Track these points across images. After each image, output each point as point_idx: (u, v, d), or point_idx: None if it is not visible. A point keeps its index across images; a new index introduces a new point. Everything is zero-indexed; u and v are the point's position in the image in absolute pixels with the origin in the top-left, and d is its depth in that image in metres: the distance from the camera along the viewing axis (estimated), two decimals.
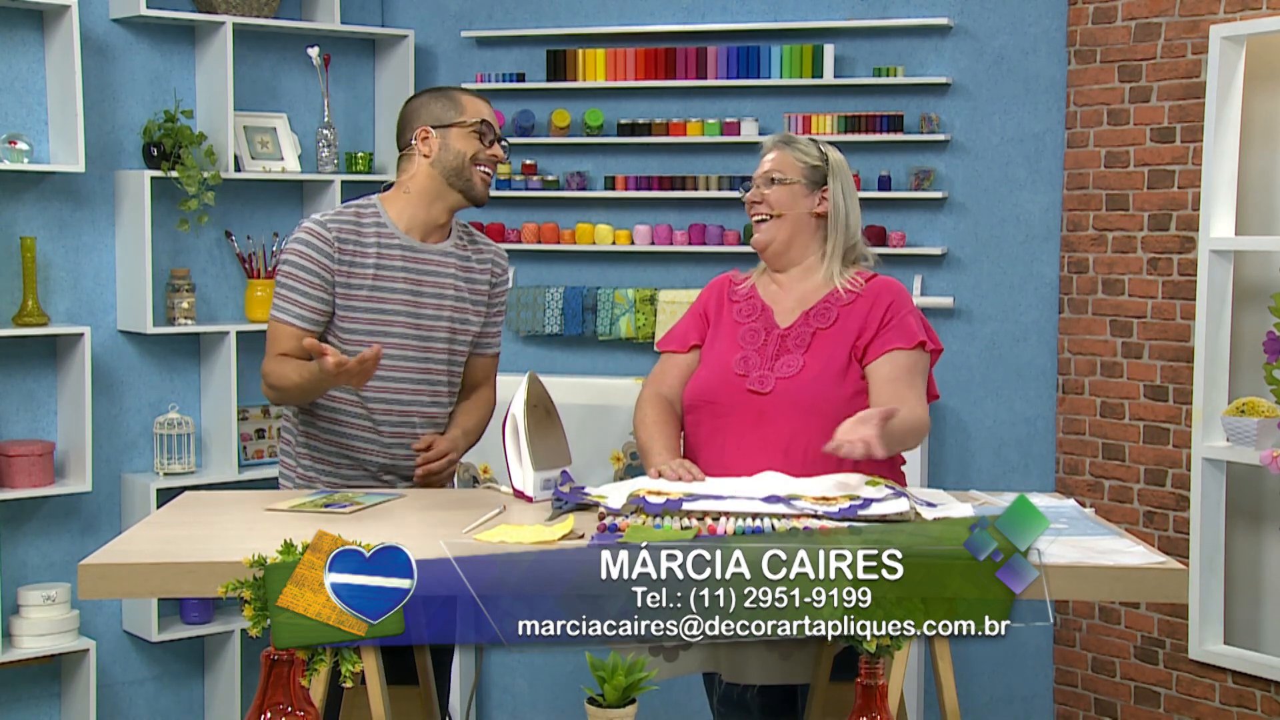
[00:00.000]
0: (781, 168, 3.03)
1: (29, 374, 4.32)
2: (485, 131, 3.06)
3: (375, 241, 3.04)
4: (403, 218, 3.08)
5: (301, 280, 2.99)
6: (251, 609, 1.92)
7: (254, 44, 4.67)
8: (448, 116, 3.06)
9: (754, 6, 4.72)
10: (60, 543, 4.37)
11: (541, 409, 2.85)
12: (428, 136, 3.06)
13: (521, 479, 2.82)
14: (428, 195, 3.08)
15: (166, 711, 4.62)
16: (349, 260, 3.01)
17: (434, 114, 3.08)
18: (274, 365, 3.00)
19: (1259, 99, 4.02)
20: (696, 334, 3.10)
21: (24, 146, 4.16)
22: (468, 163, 3.05)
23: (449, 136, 3.05)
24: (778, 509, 2.58)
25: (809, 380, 2.90)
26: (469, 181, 3.06)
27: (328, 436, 3.09)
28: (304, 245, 3.00)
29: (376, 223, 3.06)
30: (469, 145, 3.05)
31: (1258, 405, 3.86)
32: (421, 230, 3.09)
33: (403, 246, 3.06)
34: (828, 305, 2.99)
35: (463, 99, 3.09)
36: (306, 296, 2.99)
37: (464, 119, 3.06)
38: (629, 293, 4.74)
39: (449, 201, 3.09)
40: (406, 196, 3.09)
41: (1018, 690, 4.56)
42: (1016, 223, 4.51)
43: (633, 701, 2.15)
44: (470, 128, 3.05)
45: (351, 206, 3.10)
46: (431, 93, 3.14)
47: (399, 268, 3.05)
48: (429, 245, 3.10)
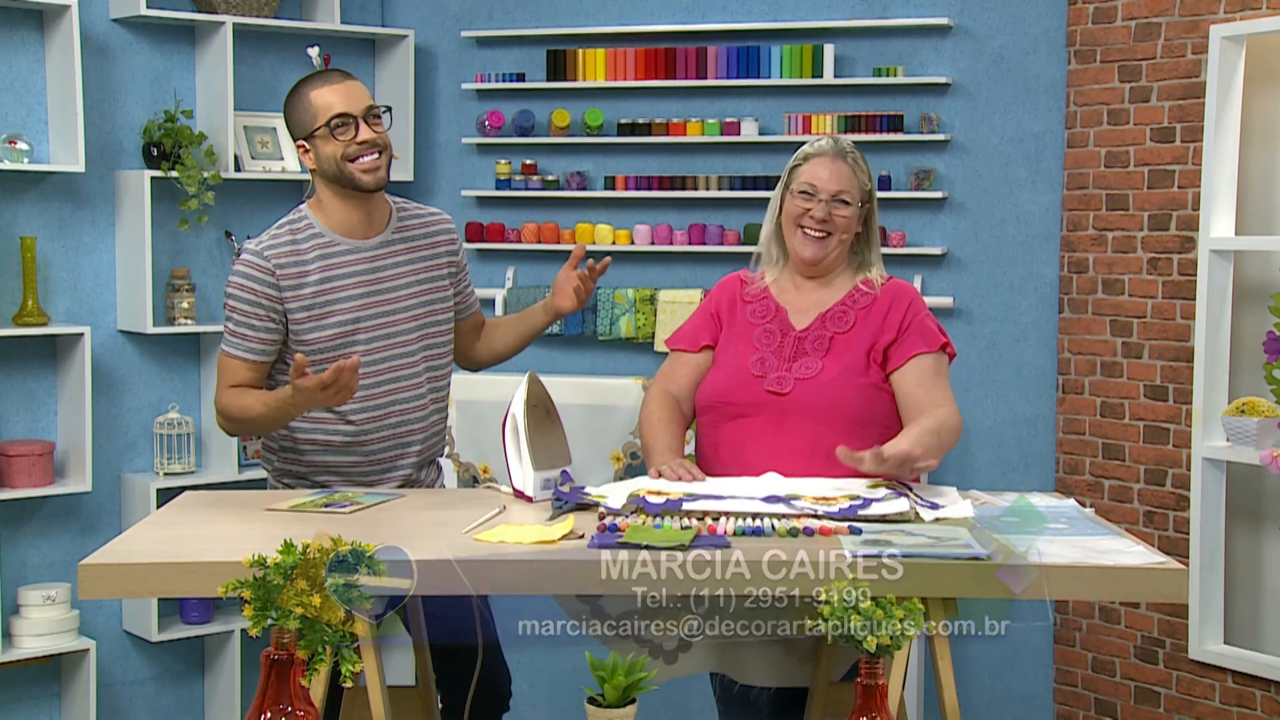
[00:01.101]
0: (850, 188, 2.98)
1: (29, 374, 4.32)
2: (341, 124, 2.95)
3: (317, 255, 2.99)
4: (331, 222, 3.03)
5: (247, 314, 2.95)
6: (251, 609, 1.92)
7: (254, 44, 4.67)
8: (305, 125, 2.98)
9: (754, 6, 4.71)
10: (60, 543, 4.37)
11: (541, 409, 2.85)
12: (306, 150, 3.00)
13: (521, 479, 2.81)
14: (334, 199, 3.02)
15: (166, 711, 4.62)
16: (293, 284, 2.96)
17: (298, 125, 3.00)
18: (231, 398, 2.96)
19: (1259, 99, 4.02)
20: (708, 334, 3.09)
21: (24, 146, 4.16)
22: (340, 163, 2.96)
23: (316, 146, 2.98)
24: (778, 509, 2.58)
25: (828, 381, 2.90)
26: (351, 179, 2.97)
27: (310, 459, 3.04)
28: (243, 277, 2.96)
29: (313, 234, 3.01)
30: (333, 148, 2.96)
31: (1258, 405, 3.86)
32: (351, 228, 3.03)
33: (343, 250, 3.01)
34: (844, 308, 2.99)
35: (311, 97, 2.97)
36: (253, 329, 2.96)
37: (318, 123, 2.96)
38: (629, 293, 4.74)
39: (356, 200, 3.02)
40: (322, 205, 3.04)
41: (1018, 690, 4.56)
42: (1016, 223, 4.51)
43: (633, 701, 2.15)
44: (326, 131, 2.96)
45: (285, 225, 3.03)
46: (291, 96, 3.03)
47: (346, 272, 3.00)
48: (370, 241, 3.04)
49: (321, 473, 3.05)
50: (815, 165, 3.00)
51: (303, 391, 2.77)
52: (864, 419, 2.90)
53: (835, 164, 2.98)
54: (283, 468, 3.08)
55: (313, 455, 3.03)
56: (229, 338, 2.98)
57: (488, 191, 4.93)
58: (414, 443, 3.07)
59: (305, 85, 3.01)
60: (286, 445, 3.06)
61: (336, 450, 3.02)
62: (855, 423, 2.89)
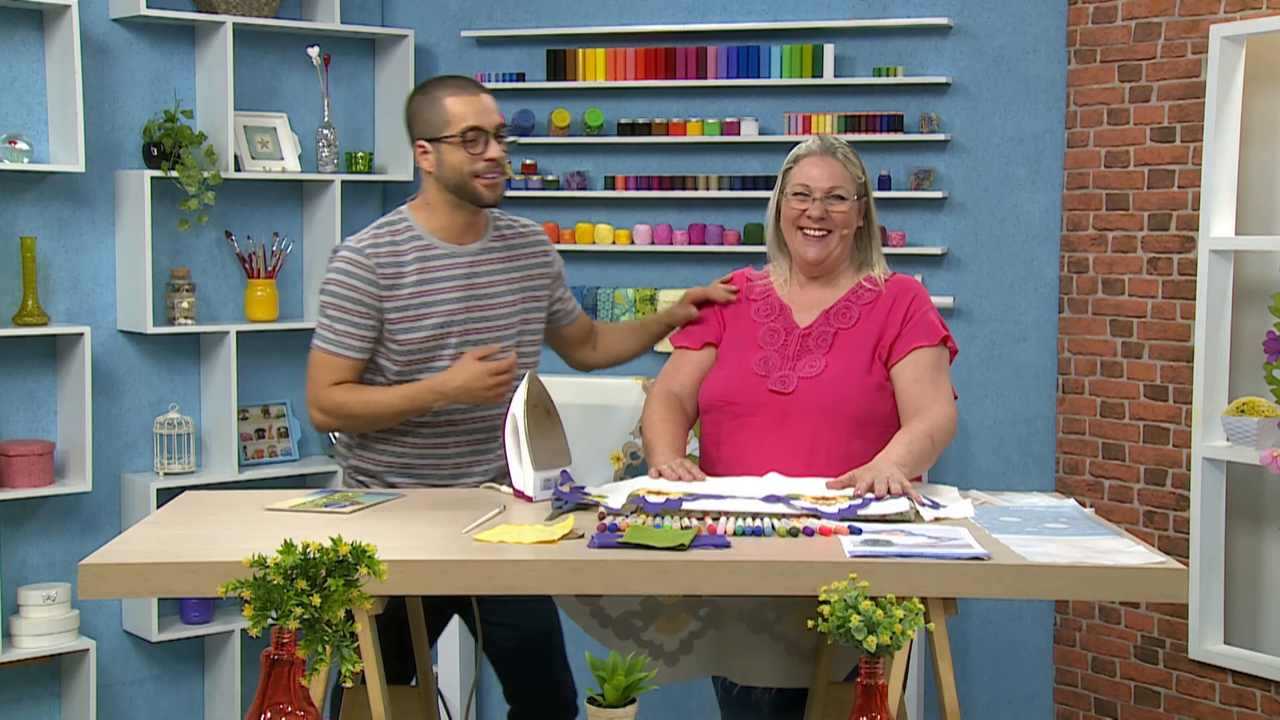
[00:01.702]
0: (843, 183, 2.98)
1: (29, 374, 4.32)
2: (474, 139, 2.95)
3: (415, 256, 2.99)
4: (433, 225, 3.03)
5: (348, 310, 2.94)
6: (251, 609, 1.91)
7: (254, 44, 4.67)
8: (435, 128, 2.97)
9: (754, 6, 4.71)
10: (60, 543, 4.37)
11: (541, 409, 2.85)
12: (425, 151, 3.00)
13: (521, 479, 2.82)
14: (445, 205, 3.02)
15: (166, 711, 4.62)
16: (391, 284, 2.95)
17: (425, 125, 2.99)
18: (344, 394, 2.94)
19: (1259, 99, 4.02)
20: (712, 332, 3.09)
21: (24, 146, 4.16)
22: (466, 176, 2.97)
23: (441, 151, 2.97)
24: (777, 509, 2.59)
25: (831, 380, 2.90)
26: (472, 193, 2.99)
27: (386, 459, 3.05)
28: (342, 274, 2.95)
29: (412, 235, 3.01)
30: (461, 159, 2.96)
31: (1258, 405, 3.86)
32: (454, 234, 3.04)
33: (442, 254, 3.01)
34: (848, 304, 2.99)
35: (446, 104, 2.97)
36: (355, 326, 2.95)
37: (449, 132, 2.96)
38: (629, 292, 4.74)
39: (466, 209, 3.03)
40: (429, 207, 3.04)
41: (1018, 690, 4.56)
42: (1016, 223, 4.51)
43: (633, 701, 2.15)
44: (456, 140, 2.96)
45: (384, 226, 3.03)
46: (421, 95, 3.02)
47: (444, 275, 3.00)
48: (468, 246, 3.05)
49: (396, 473, 3.05)
50: (806, 165, 3.00)
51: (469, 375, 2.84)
52: (867, 418, 2.90)
53: (825, 161, 2.99)
54: (357, 465, 3.09)
55: (389, 456, 3.04)
56: (328, 335, 2.95)
57: None
58: (494, 448, 3.07)
59: (440, 89, 2.99)
60: (365, 442, 3.06)
61: (415, 452, 3.04)
62: (858, 422, 2.89)
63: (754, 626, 2.87)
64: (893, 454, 2.77)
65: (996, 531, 2.55)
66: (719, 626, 2.89)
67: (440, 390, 2.90)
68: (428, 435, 3.02)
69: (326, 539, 1.98)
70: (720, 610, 2.88)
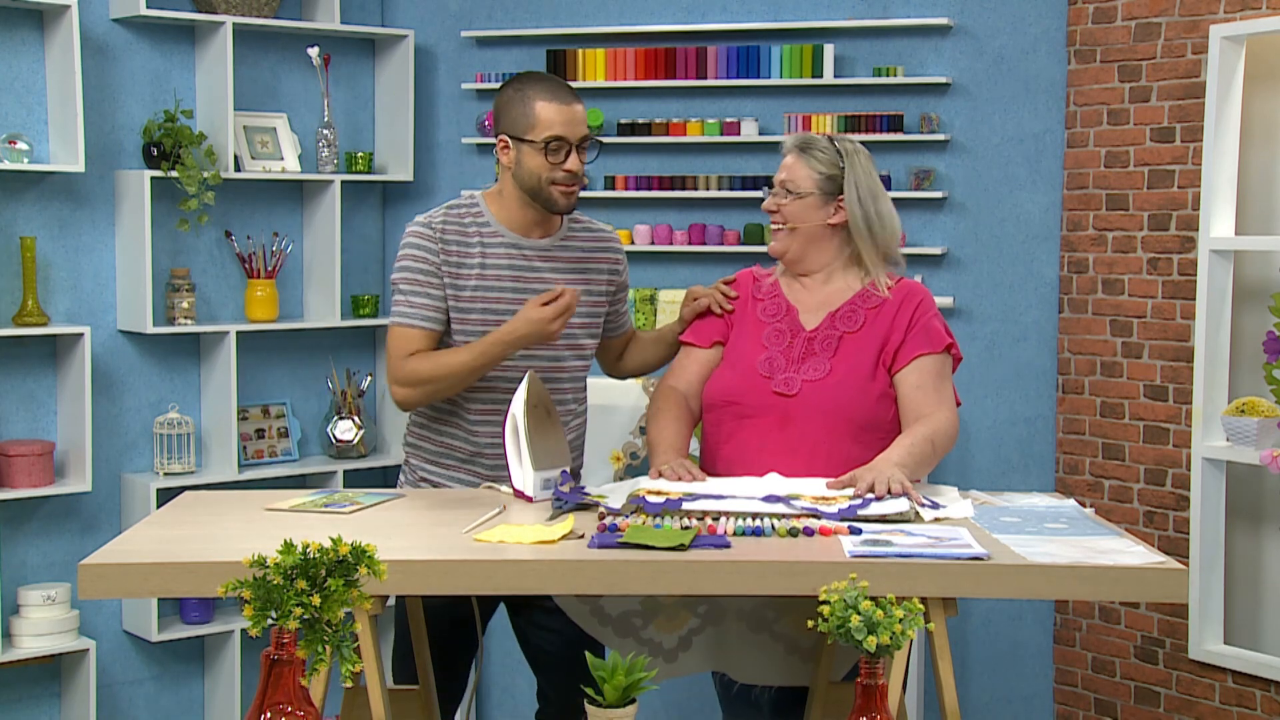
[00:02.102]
0: (795, 178, 2.99)
1: (29, 374, 4.32)
2: (557, 148, 2.95)
3: (479, 240, 3.00)
4: (502, 215, 3.04)
5: (418, 282, 2.96)
6: (251, 609, 1.91)
7: (254, 44, 4.67)
8: (521, 128, 2.97)
9: (754, 6, 4.71)
10: (60, 543, 4.37)
11: (542, 409, 2.85)
12: (506, 147, 3.00)
13: (521, 479, 2.82)
14: (518, 200, 3.03)
15: (166, 711, 4.62)
16: (455, 258, 2.98)
17: (511, 122, 2.98)
18: (419, 361, 2.94)
19: (1259, 99, 4.02)
20: (720, 330, 3.08)
21: (24, 146, 4.16)
22: (543, 182, 2.97)
23: (523, 152, 2.97)
24: (777, 509, 2.59)
25: (835, 384, 2.90)
26: (547, 199, 3.00)
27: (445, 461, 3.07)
28: (413, 247, 2.98)
29: (478, 221, 3.02)
30: (540, 165, 2.96)
31: (1258, 405, 3.86)
32: (523, 227, 3.05)
33: (506, 244, 3.02)
34: (854, 308, 2.98)
35: (537, 108, 2.95)
36: (428, 296, 2.97)
37: (533, 136, 2.95)
38: (629, 292, 4.74)
39: (537, 208, 3.03)
40: (501, 198, 3.05)
41: (1018, 690, 4.56)
42: (1016, 223, 4.51)
43: (633, 701, 2.15)
44: (539, 146, 2.96)
45: (455, 205, 3.06)
46: (515, 91, 3.00)
47: (504, 265, 3.01)
48: (534, 240, 3.06)
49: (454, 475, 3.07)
50: (783, 161, 3.05)
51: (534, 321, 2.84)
52: (869, 424, 2.90)
53: (789, 157, 3.03)
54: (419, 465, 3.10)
55: (445, 458, 3.06)
56: (403, 309, 2.97)
57: None
58: None
59: (534, 89, 2.98)
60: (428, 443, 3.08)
61: (464, 457, 3.05)
62: (860, 427, 2.89)
63: (753, 625, 2.87)
64: (893, 455, 2.77)
65: (996, 531, 2.55)
66: (718, 623, 2.89)
67: (506, 340, 2.90)
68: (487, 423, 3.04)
69: (326, 539, 1.98)
70: (720, 608, 2.88)
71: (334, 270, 4.69)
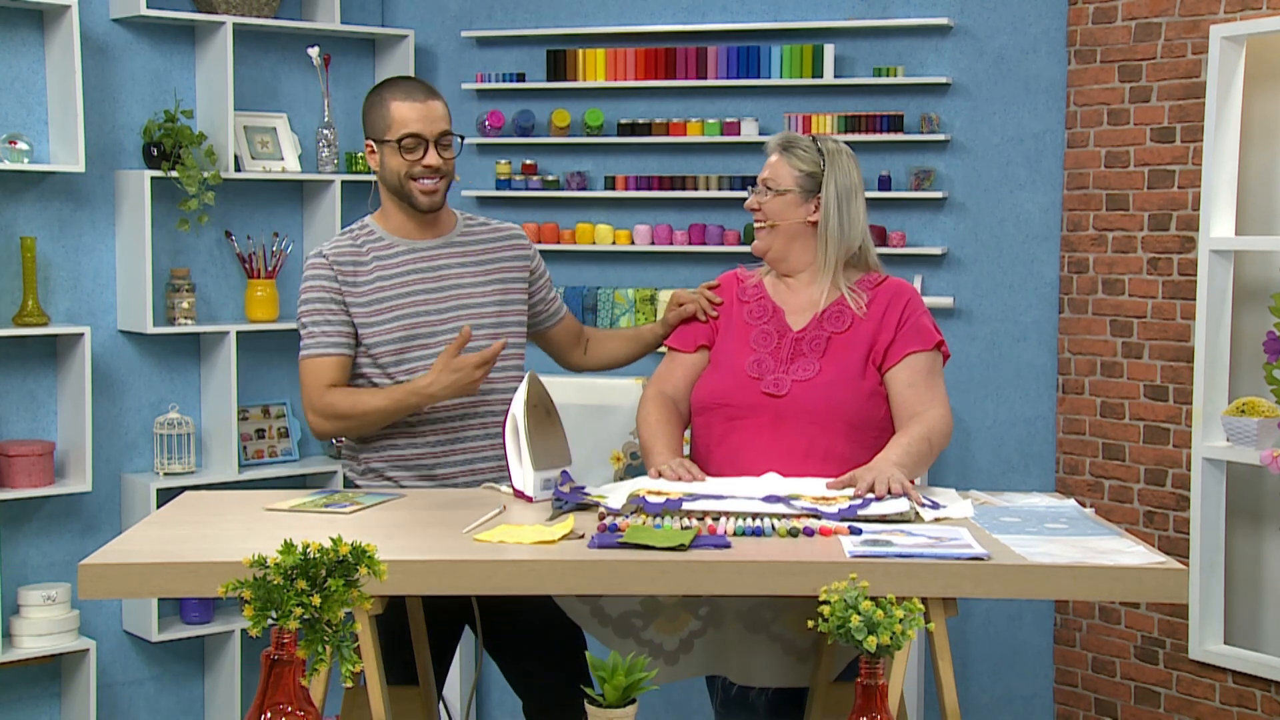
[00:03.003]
0: (776, 176, 3.01)
1: (29, 374, 4.32)
2: (413, 145, 2.97)
3: (374, 255, 3.02)
4: (390, 225, 3.07)
5: (319, 312, 2.98)
6: (251, 609, 1.91)
7: (254, 44, 4.67)
8: (379, 130, 3.01)
9: (754, 6, 4.71)
10: (60, 543, 4.37)
11: (541, 409, 2.85)
12: (372, 151, 3.04)
13: (521, 479, 2.82)
14: (395, 206, 3.07)
15: (167, 711, 4.62)
16: (349, 278, 2.99)
17: (372, 126, 3.03)
18: (336, 397, 2.95)
19: (1259, 99, 4.02)
20: (705, 334, 3.09)
21: (24, 146, 4.16)
22: (403, 179, 2.99)
23: (384, 153, 3.01)
24: (777, 509, 2.58)
25: (825, 384, 2.90)
26: (409, 197, 3.01)
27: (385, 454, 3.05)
28: (309, 280, 3.02)
29: (370, 238, 3.05)
30: (399, 164, 2.99)
31: (1258, 405, 3.86)
32: (412, 232, 3.07)
33: (400, 250, 3.04)
34: (841, 308, 2.98)
35: (392, 107, 2.99)
36: (329, 323, 2.98)
37: (390, 136, 2.98)
38: (629, 292, 4.74)
39: (409, 210, 3.05)
40: (383, 209, 3.09)
41: (1018, 690, 4.56)
42: (1016, 223, 4.51)
43: (633, 701, 2.15)
44: (395, 145, 2.98)
45: (347, 232, 3.10)
46: (373, 95, 3.05)
47: (404, 269, 3.02)
48: (429, 240, 3.08)
49: (395, 467, 3.05)
50: (767, 160, 3.07)
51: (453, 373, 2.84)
52: (860, 422, 2.90)
53: (773, 156, 3.05)
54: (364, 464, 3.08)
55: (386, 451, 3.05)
56: (309, 341, 2.99)
57: (488, 192, 4.93)
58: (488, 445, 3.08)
59: (389, 91, 3.02)
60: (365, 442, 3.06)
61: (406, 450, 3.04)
62: (851, 426, 2.89)
63: (753, 626, 2.87)
64: (892, 455, 2.77)
65: (996, 531, 2.55)
66: (719, 626, 2.89)
67: (425, 392, 2.91)
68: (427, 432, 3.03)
69: (326, 539, 1.98)
70: (720, 610, 2.88)
71: None
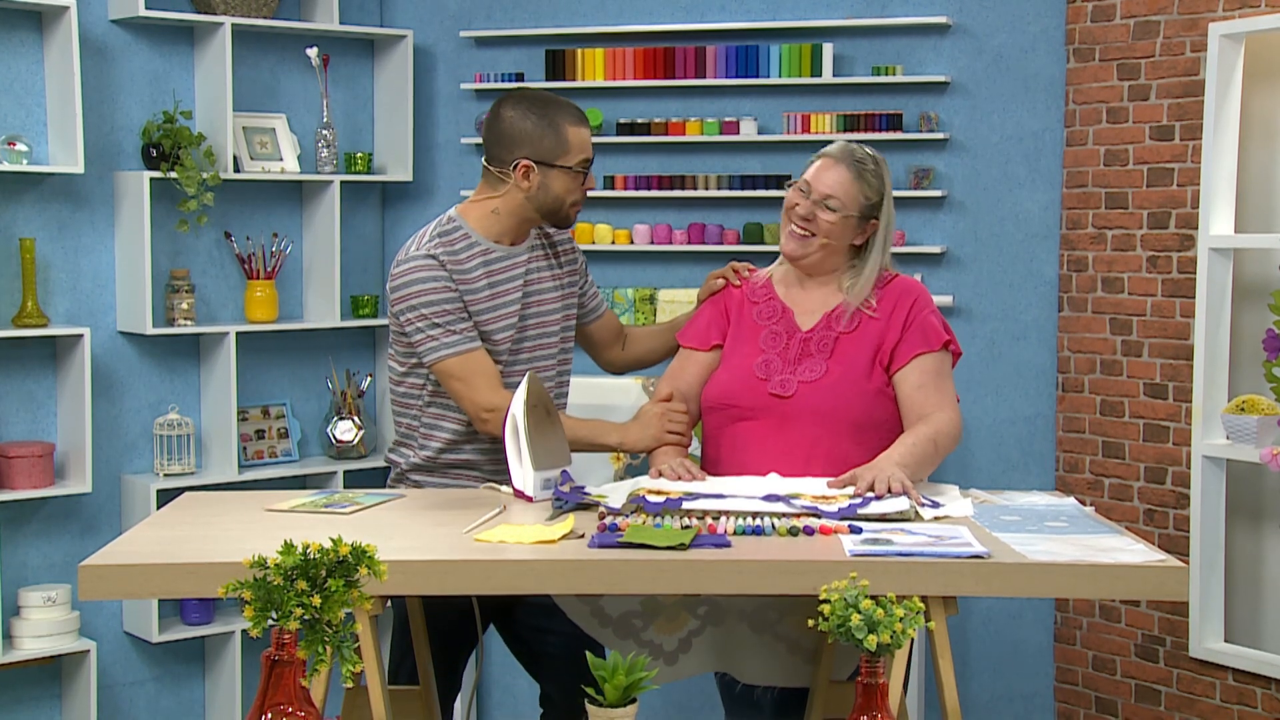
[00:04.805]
0: (843, 196, 2.95)
1: (29, 375, 4.32)
2: (586, 171, 2.98)
3: (478, 262, 2.98)
4: (492, 231, 3.02)
5: (448, 311, 2.92)
6: (252, 609, 1.91)
7: (253, 44, 4.67)
8: (552, 154, 2.95)
9: (753, 6, 4.71)
10: (60, 544, 4.37)
11: (541, 409, 2.85)
12: (529, 172, 2.96)
13: (521, 479, 2.82)
14: (518, 217, 3.02)
15: (167, 712, 4.62)
16: (465, 284, 2.96)
17: (538, 147, 2.95)
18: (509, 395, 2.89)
19: (1258, 97, 4.02)
20: (718, 333, 3.08)
21: (23, 148, 4.16)
22: (566, 204, 2.99)
23: (550, 176, 2.95)
24: (777, 508, 2.59)
25: (831, 385, 2.90)
26: (565, 218, 3.02)
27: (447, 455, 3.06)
28: (425, 280, 2.92)
29: (469, 242, 2.99)
30: (569, 188, 2.97)
31: (1257, 403, 3.86)
32: (508, 238, 3.04)
33: (502, 257, 3.02)
34: (849, 307, 2.98)
35: (568, 132, 2.95)
36: (463, 320, 2.94)
37: (566, 161, 2.95)
38: (629, 292, 4.74)
39: (533, 221, 3.04)
40: (495, 216, 3.01)
41: (1018, 689, 4.56)
42: (1016, 221, 4.51)
43: (633, 701, 2.15)
44: (571, 170, 2.96)
45: (440, 231, 3.00)
46: (538, 117, 2.96)
47: (509, 278, 3.01)
48: (520, 247, 3.06)
49: (457, 469, 3.06)
50: (820, 164, 2.99)
51: (648, 424, 2.94)
52: (866, 423, 2.90)
53: (837, 168, 2.97)
54: (417, 463, 3.08)
55: (449, 453, 3.05)
56: (453, 338, 2.92)
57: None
58: None
59: (561, 115, 2.98)
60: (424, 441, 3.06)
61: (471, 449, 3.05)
62: (857, 427, 2.89)
63: (753, 625, 2.87)
64: (894, 454, 2.77)
65: (997, 530, 2.55)
66: (718, 624, 2.89)
67: (611, 441, 2.99)
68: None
69: (326, 539, 1.98)
70: (719, 609, 2.88)
71: (333, 271, 4.69)
